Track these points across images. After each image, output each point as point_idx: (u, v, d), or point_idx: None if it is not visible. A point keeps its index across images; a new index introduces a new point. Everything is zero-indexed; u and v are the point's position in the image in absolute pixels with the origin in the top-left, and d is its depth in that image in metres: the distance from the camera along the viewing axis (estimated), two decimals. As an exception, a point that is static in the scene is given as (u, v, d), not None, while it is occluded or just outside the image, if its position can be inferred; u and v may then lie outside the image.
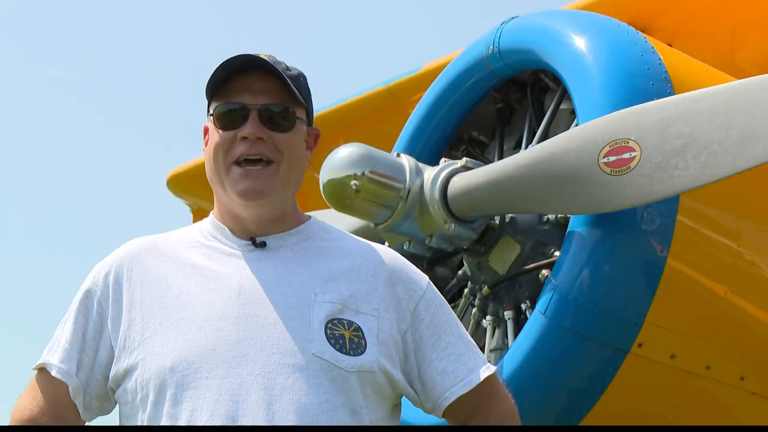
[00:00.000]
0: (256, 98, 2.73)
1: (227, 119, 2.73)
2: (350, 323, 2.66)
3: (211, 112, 2.76)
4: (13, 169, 17.20)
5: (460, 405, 2.76)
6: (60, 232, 17.73)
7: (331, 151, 3.73)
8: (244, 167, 2.71)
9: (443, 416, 2.79)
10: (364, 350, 2.65)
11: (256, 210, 2.74)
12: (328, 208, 3.78)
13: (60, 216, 18.18)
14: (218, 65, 2.74)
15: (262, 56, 2.74)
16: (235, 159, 2.72)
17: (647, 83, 3.56)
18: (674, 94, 3.52)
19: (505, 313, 3.79)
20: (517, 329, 3.70)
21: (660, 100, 3.34)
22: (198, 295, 2.68)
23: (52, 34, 18.86)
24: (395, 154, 3.81)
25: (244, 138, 2.71)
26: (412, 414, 3.00)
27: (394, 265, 2.79)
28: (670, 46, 3.96)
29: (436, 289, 2.85)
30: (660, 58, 3.66)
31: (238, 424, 2.54)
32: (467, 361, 2.77)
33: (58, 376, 2.72)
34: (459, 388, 2.75)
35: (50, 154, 18.25)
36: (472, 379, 2.75)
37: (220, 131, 2.73)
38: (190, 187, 6.84)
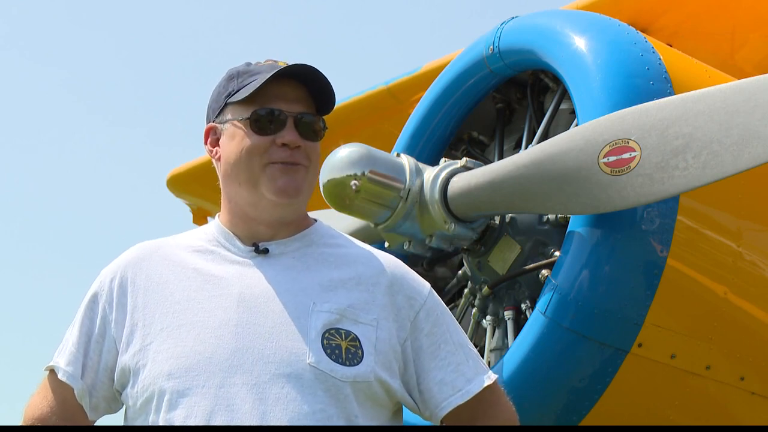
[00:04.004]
0: (290, 106, 2.77)
1: (265, 124, 2.76)
2: (348, 333, 2.67)
3: (246, 115, 2.76)
4: (12, 169, 17.21)
5: (459, 414, 2.76)
6: (60, 232, 17.73)
7: (331, 151, 3.73)
8: (281, 165, 2.75)
9: (442, 424, 2.79)
10: (361, 360, 2.66)
11: (281, 210, 2.76)
12: (328, 208, 3.78)
13: (60, 216, 18.18)
14: (258, 70, 2.78)
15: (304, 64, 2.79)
16: (271, 160, 2.74)
17: (647, 83, 3.56)
18: (674, 94, 3.52)
19: (505, 313, 3.79)
20: (517, 329, 3.70)
21: (660, 100, 3.34)
22: (199, 302, 2.70)
23: (53, 33, 18.87)
24: (395, 154, 3.81)
25: (284, 145, 2.74)
26: (413, 414, 3.00)
27: (395, 273, 2.79)
28: (670, 46, 3.96)
29: (438, 298, 2.84)
30: (660, 58, 3.66)
31: None
32: (466, 371, 2.77)
33: (64, 379, 2.75)
34: (456, 398, 2.75)
35: (51, 155, 18.25)
36: (471, 389, 2.75)
37: (256, 135, 2.75)
38: (190, 187, 6.85)
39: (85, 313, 2.78)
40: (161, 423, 2.62)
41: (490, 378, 2.79)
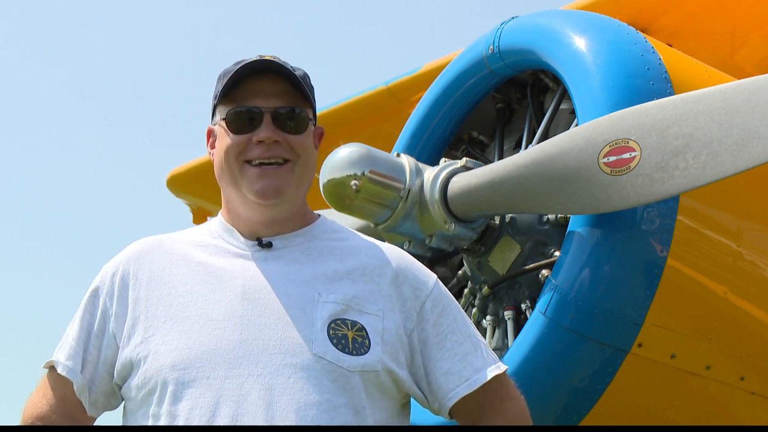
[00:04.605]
0: (268, 101, 2.73)
1: (241, 123, 2.73)
2: (354, 323, 2.66)
3: (223, 116, 2.75)
4: (12, 169, 17.21)
5: (468, 405, 2.74)
6: (60, 232, 17.73)
7: (331, 151, 3.73)
8: (259, 166, 2.72)
9: (451, 416, 2.78)
10: (368, 350, 2.64)
11: (269, 210, 2.74)
12: (328, 208, 3.78)
13: (60, 216, 18.19)
14: (232, 69, 2.74)
15: (269, 58, 2.74)
16: (248, 159, 2.72)
17: (647, 83, 3.56)
18: (674, 94, 3.52)
19: (505, 313, 3.79)
20: (517, 329, 3.71)
21: (660, 100, 3.34)
22: (202, 295, 2.69)
23: (53, 33, 18.87)
24: (395, 154, 3.81)
25: (259, 142, 2.71)
26: (417, 414, 3.00)
27: (400, 264, 2.78)
28: (670, 46, 3.96)
29: (445, 289, 2.83)
30: (660, 58, 3.66)
31: (238, 424, 2.55)
32: (474, 361, 2.75)
33: (63, 373, 2.74)
34: (463, 388, 2.73)
35: (51, 154, 18.26)
36: (478, 379, 2.73)
37: (233, 135, 2.73)
38: (190, 187, 6.85)
39: (86, 308, 2.78)
40: (165, 415, 2.60)
41: (499, 368, 2.76)
